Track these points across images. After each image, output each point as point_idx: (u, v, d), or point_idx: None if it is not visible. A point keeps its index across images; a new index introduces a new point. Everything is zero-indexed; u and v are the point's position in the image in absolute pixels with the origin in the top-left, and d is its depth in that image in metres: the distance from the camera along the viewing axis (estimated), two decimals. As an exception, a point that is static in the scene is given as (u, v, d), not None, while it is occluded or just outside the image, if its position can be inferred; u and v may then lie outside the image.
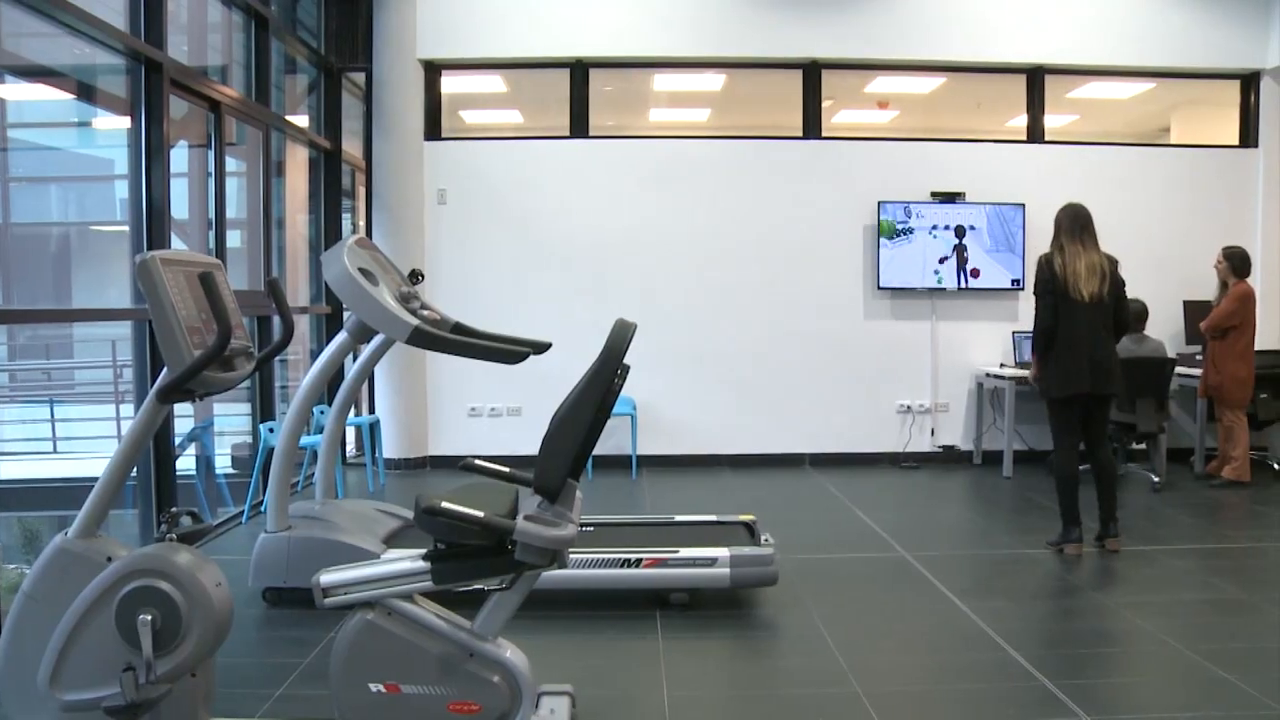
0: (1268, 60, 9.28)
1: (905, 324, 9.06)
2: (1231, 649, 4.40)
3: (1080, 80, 9.45)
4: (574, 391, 3.07)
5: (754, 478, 8.44)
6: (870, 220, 8.91)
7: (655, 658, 4.25)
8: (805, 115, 9.06)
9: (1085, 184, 8.68)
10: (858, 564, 5.82)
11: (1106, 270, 5.91)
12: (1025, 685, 3.98)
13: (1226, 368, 8.04)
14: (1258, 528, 6.87)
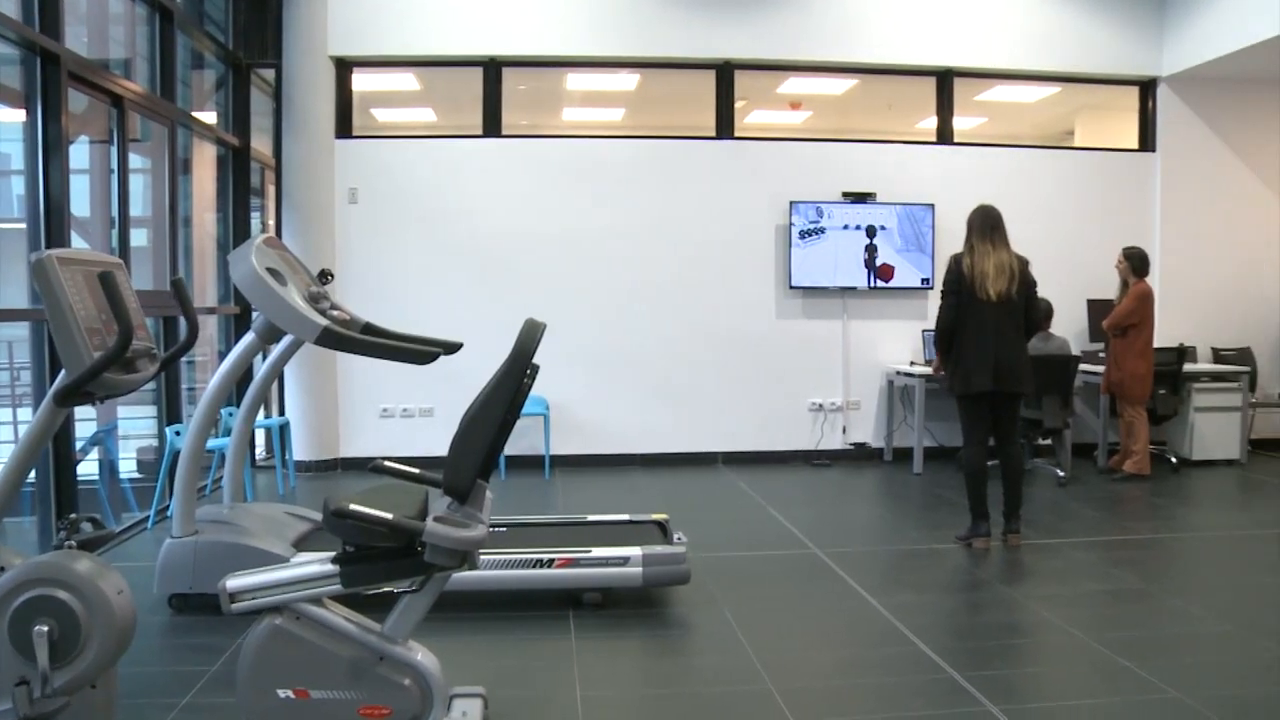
0: (1163, 68, 9.55)
1: (817, 323, 9.16)
2: (1131, 637, 4.53)
3: (988, 83, 9.64)
4: (483, 392, 3.06)
5: (667, 477, 8.47)
6: (782, 220, 8.99)
7: (568, 658, 4.25)
8: (718, 115, 9.12)
9: (993, 185, 8.85)
10: (770, 561, 5.87)
11: (1016, 270, 6.03)
12: (934, 678, 4.05)
13: (1127, 365, 8.26)
14: (1157, 519, 7.07)
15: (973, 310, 6.01)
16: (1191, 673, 4.10)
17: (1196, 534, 6.72)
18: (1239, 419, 9.09)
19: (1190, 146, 9.71)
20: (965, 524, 6.24)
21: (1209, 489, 8.14)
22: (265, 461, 8.65)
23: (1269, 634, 4.60)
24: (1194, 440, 9.02)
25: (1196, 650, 4.43)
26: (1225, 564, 6.05)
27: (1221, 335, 9.80)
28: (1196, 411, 8.98)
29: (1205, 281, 9.73)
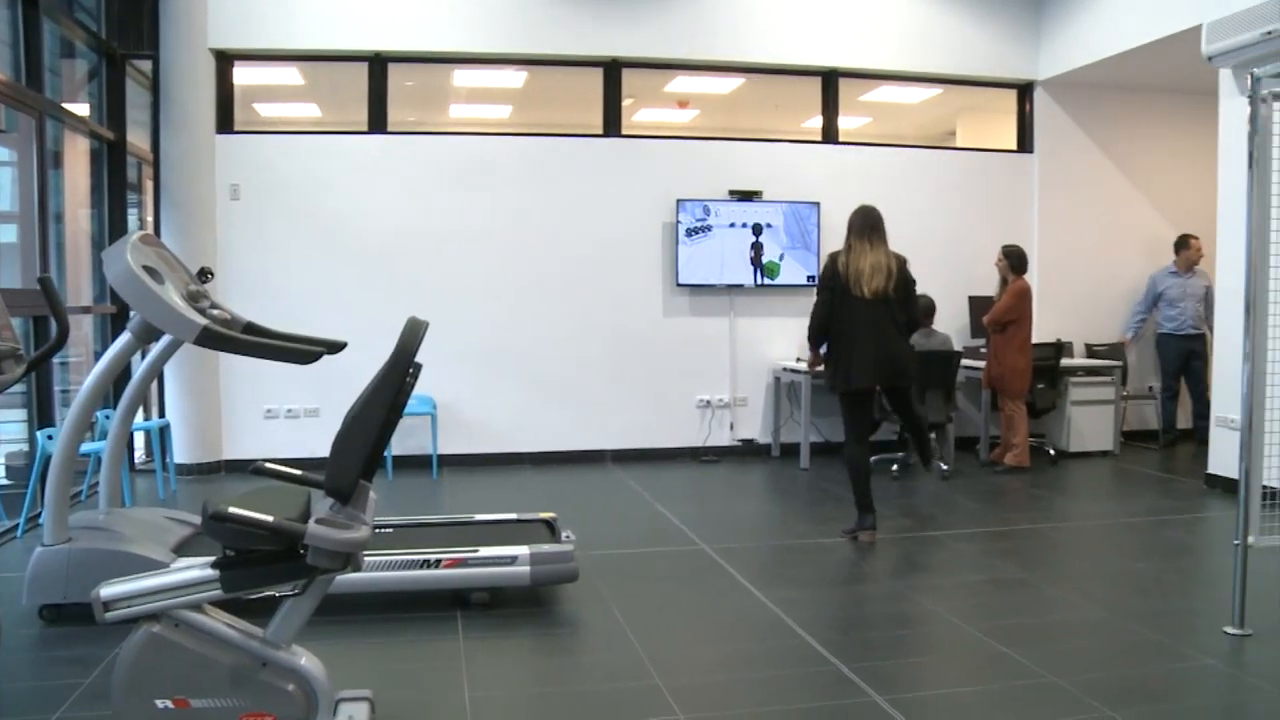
0: (1039, 72, 9.82)
1: (704, 320, 9.23)
2: (1011, 625, 4.65)
3: (872, 84, 9.80)
4: (365, 391, 3.01)
5: (556, 475, 8.46)
6: (670, 218, 9.03)
7: (456, 658, 4.21)
8: (606, 113, 9.13)
9: (877, 184, 9.04)
10: (658, 558, 5.90)
11: (892, 269, 6.14)
12: (820, 670, 4.10)
13: (1007, 360, 8.47)
14: (1036, 510, 7.26)
15: (849, 308, 6.11)
16: (1067, 657, 4.23)
17: (1073, 524, 6.92)
18: (1112, 412, 9.40)
19: (1066, 148, 10.00)
20: (851, 518, 6.34)
21: (1085, 480, 8.40)
22: (145, 465, 8.41)
23: (1139, 618, 4.76)
24: (1071, 433, 9.29)
25: (1072, 636, 4.56)
26: (1099, 552, 6.26)
27: (1095, 331, 10.11)
28: (1073, 405, 9.26)
29: (1080, 279, 10.03)
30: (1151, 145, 10.18)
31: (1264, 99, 4.51)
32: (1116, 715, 3.62)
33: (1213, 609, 4.86)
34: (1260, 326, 4.58)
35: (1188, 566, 5.91)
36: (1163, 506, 7.38)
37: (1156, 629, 4.62)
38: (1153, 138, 10.18)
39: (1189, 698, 3.89)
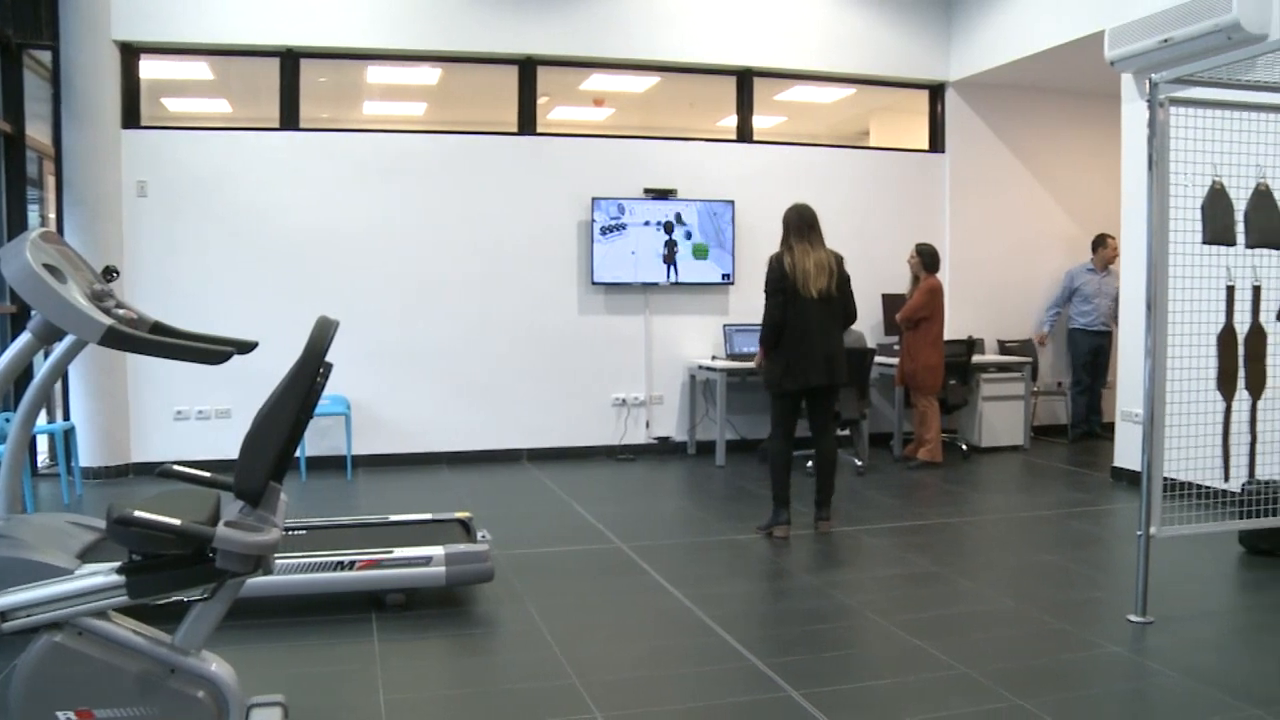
0: (950, 73, 9.98)
1: (620, 318, 9.23)
2: (924, 618, 4.72)
3: (787, 84, 9.88)
4: (275, 392, 2.97)
5: (472, 475, 8.40)
6: (585, 216, 9.02)
7: (371, 661, 4.17)
8: (521, 111, 9.09)
9: (791, 182, 9.12)
10: (574, 557, 5.89)
11: (834, 268, 6.21)
12: (737, 666, 4.13)
13: (919, 356, 8.60)
14: (948, 505, 7.38)
15: (797, 308, 6.14)
16: (978, 648, 4.31)
17: (984, 517, 7.04)
18: (1023, 407, 9.59)
19: (976, 148, 10.18)
20: (767, 514, 6.39)
21: (996, 474, 8.55)
22: (48, 469, 8.20)
23: (1047, 608, 4.86)
24: (983, 428, 9.46)
25: (983, 627, 4.65)
26: (1010, 544, 6.38)
27: (1006, 328, 10.30)
28: (984, 401, 9.43)
29: (991, 276, 10.21)
30: (1059, 146, 10.40)
31: (1161, 103, 4.63)
32: (1025, 703, 3.69)
33: (1117, 598, 4.99)
34: (1161, 324, 4.70)
35: (1094, 557, 6.04)
36: (1071, 499, 7.55)
37: (1063, 618, 4.72)
38: (1060, 139, 10.40)
39: (1094, 684, 3.98)
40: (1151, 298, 4.68)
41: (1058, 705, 3.69)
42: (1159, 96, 4.63)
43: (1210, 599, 5.23)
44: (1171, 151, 4.70)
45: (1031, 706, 3.67)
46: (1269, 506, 5.36)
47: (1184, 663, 4.17)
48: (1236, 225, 4.73)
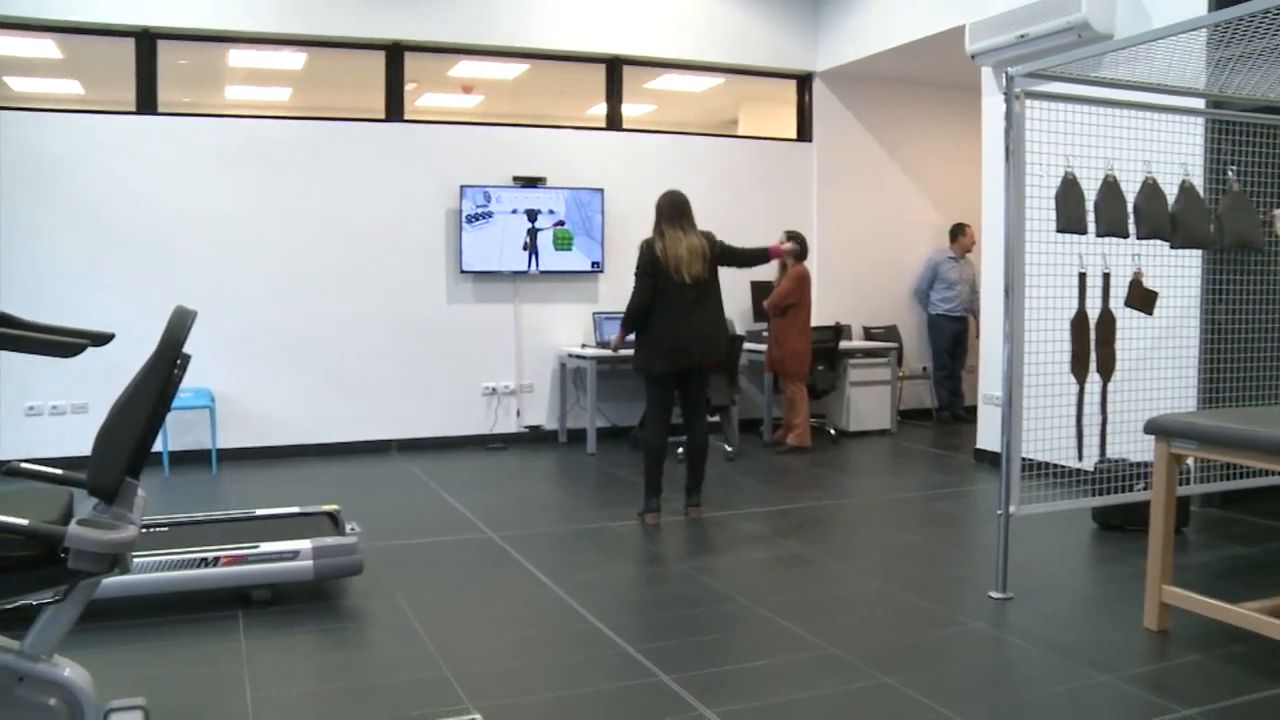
0: (818, 64, 10.13)
1: (489, 307, 9.18)
2: (793, 600, 4.80)
3: (656, 72, 9.91)
4: (130, 385, 2.87)
5: (341, 466, 8.27)
6: (453, 204, 8.94)
7: (237, 659, 4.07)
8: (388, 98, 8.95)
9: (661, 170, 9.16)
10: (445, 548, 5.84)
11: (706, 252, 6.28)
12: (609, 652, 4.14)
13: (788, 343, 8.72)
14: (817, 489, 7.51)
15: (669, 293, 6.18)
16: (846, 628, 4.40)
17: (852, 500, 7.18)
18: (889, 392, 9.80)
19: (843, 138, 10.36)
20: (639, 501, 6.42)
21: (863, 458, 8.73)
22: (-111, 468, 7.82)
23: (912, 587, 4.99)
24: (850, 413, 9.64)
25: (850, 607, 4.75)
26: (877, 526, 6.52)
27: (872, 314, 10.51)
28: (852, 386, 9.61)
29: (857, 264, 10.42)
30: (923, 136, 10.65)
31: (1018, 96, 4.76)
32: (891, 680, 3.78)
33: (979, 575, 5.14)
34: (1018, 310, 4.85)
35: (956, 536, 6.21)
36: (935, 481, 7.75)
37: (928, 597, 4.85)
38: (924, 129, 10.66)
39: (957, 659, 4.09)
40: (1009, 284, 4.82)
41: (922, 681, 3.79)
42: (1015, 90, 4.76)
43: (1066, 574, 5.42)
44: (1027, 143, 4.84)
45: (897, 683, 3.76)
46: (1119, 484, 5.58)
47: (1041, 635, 4.32)
48: (1088, 215, 4.89)
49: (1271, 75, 5.07)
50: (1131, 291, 5.23)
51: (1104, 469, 5.63)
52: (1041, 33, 7.20)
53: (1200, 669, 3.96)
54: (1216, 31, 4.59)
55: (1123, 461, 5.65)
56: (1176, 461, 4.36)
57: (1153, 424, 4.37)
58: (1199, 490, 5.98)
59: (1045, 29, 7.17)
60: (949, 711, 3.52)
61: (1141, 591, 4.47)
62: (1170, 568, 4.36)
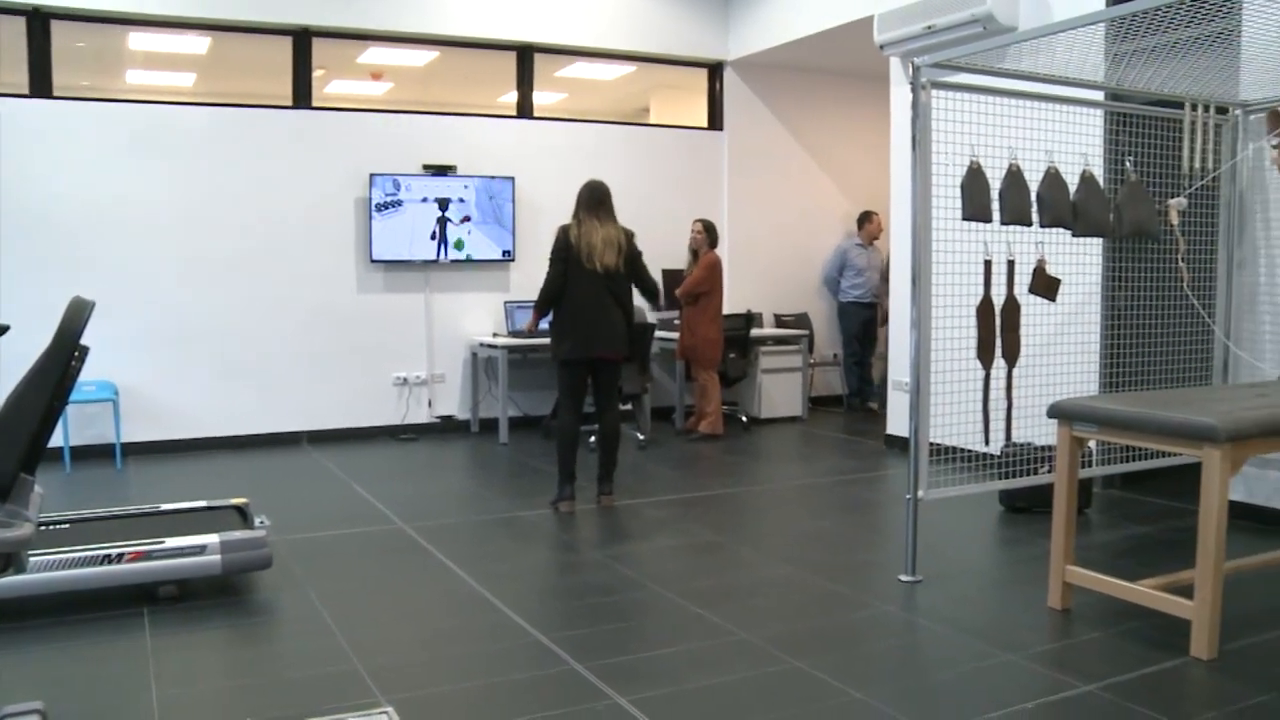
0: (729, 53, 10.18)
1: (399, 296, 9.09)
2: (705, 587, 4.83)
3: (567, 60, 9.87)
4: (24, 378, 2.80)
5: (250, 459, 8.14)
6: (362, 192, 8.82)
7: (142, 657, 3.99)
8: (295, 84, 8.80)
9: (572, 159, 9.16)
10: (356, 540, 5.78)
11: (622, 244, 6.31)
12: (522, 642, 4.13)
13: (699, 331, 8.76)
14: (729, 476, 7.55)
15: (580, 281, 6.20)
16: (757, 614, 4.44)
17: (764, 487, 7.24)
18: (800, 379, 9.89)
19: (754, 126, 10.43)
20: (552, 490, 6.42)
21: (775, 444, 8.81)
22: None
23: (823, 572, 5.05)
24: (762, 400, 9.72)
25: (762, 593, 4.78)
26: (788, 512, 6.58)
27: (783, 302, 10.60)
28: (763, 373, 9.68)
29: (768, 252, 10.49)
30: (833, 125, 10.76)
31: (924, 86, 4.83)
32: (803, 664, 3.82)
33: (889, 559, 5.22)
34: (925, 296, 4.92)
35: (867, 521, 6.30)
36: (846, 467, 7.84)
37: (838, 581, 4.91)
38: (834, 118, 10.77)
39: (868, 642, 4.15)
40: (916, 271, 4.89)
41: (833, 664, 3.84)
42: (921, 80, 4.82)
43: (973, 556, 5.52)
44: (933, 132, 4.91)
45: (808, 667, 3.80)
46: (1025, 467, 5.70)
47: (949, 616, 4.40)
48: (992, 203, 4.98)
49: (1164, 70, 5.21)
50: (1035, 279, 5.33)
51: (1010, 453, 5.75)
52: (948, 24, 7.30)
53: (1100, 645, 4.07)
54: (1113, 26, 4.69)
55: (1028, 445, 5.77)
56: (1078, 444, 4.46)
57: (1055, 408, 4.47)
58: (1101, 472, 6.12)
59: (951, 20, 7.27)
60: (859, 694, 3.57)
61: (1046, 572, 4.58)
62: (1073, 548, 4.47)
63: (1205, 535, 3.88)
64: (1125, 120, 5.89)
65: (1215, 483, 3.84)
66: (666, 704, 3.52)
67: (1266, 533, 5.70)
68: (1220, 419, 3.84)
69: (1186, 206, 5.48)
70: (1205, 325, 6.01)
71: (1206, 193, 5.87)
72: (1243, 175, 6.06)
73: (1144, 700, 3.52)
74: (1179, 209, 5.42)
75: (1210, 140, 5.63)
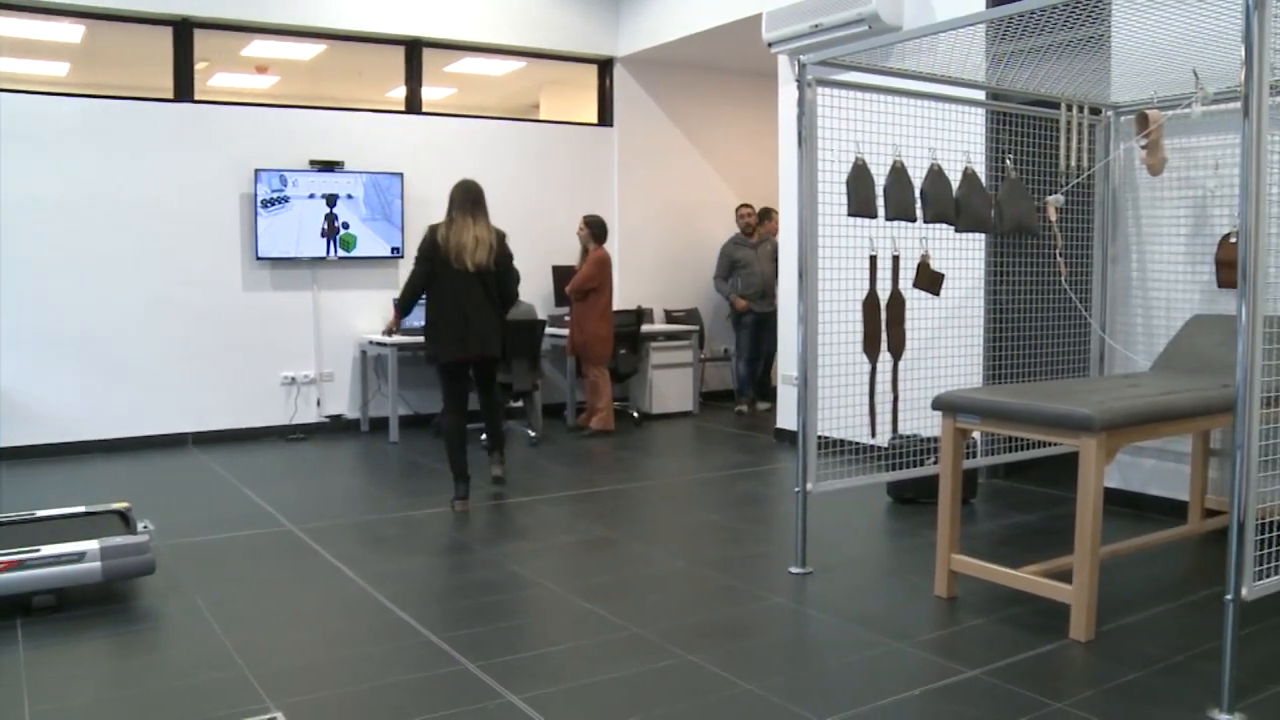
0: (619, 49, 10.20)
1: (286, 294, 8.93)
2: (597, 583, 4.85)
3: (457, 55, 9.80)
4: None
5: (133, 463, 7.92)
6: (248, 189, 8.65)
7: (15, 671, 3.86)
8: (177, 76, 8.59)
9: (462, 155, 9.11)
10: (244, 543, 5.67)
11: (493, 244, 6.26)
12: (413, 642, 4.09)
13: (589, 327, 8.76)
14: (621, 471, 7.57)
15: (449, 281, 6.16)
16: (650, 608, 4.46)
17: (655, 482, 7.26)
18: (691, 374, 9.96)
19: (644, 123, 10.47)
20: (445, 489, 6.39)
21: (667, 440, 8.84)
22: None
23: (714, 566, 5.10)
24: (653, 395, 9.76)
25: (654, 588, 4.80)
26: (680, 507, 6.61)
27: (673, 297, 10.66)
28: (654, 369, 9.72)
29: (658, 247, 10.55)
30: (723, 122, 10.86)
31: (810, 84, 4.89)
32: (695, 658, 3.85)
33: (779, 552, 5.29)
34: (812, 291, 4.98)
35: (758, 514, 6.36)
36: (737, 461, 7.91)
37: (730, 574, 4.96)
38: (724, 115, 10.86)
39: (759, 634, 4.19)
40: (803, 266, 4.95)
41: (724, 657, 3.87)
42: (807, 78, 4.88)
43: (862, 547, 5.61)
44: (820, 130, 4.97)
45: (700, 660, 3.83)
46: (912, 459, 5.81)
47: (839, 607, 4.47)
48: (877, 199, 5.06)
49: (1041, 71, 5.35)
50: (919, 273, 5.43)
51: (897, 445, 5.86)
52: (834, 23, 7.40)
53: (984, 631, 4.17)
54: (994, 28, 4.80)
55: (915, 437, 5.89)
56: (962, 436, 4.56)
57: (939, 400, 4.56)
58: (985, 463, 6.28)
59: (838, 19, 7.37)
60: (751, 685, 3.61)
61: (932, 561, 4.68)
62: (958, 537, 4.57)
63: (1082, 522, 4.00)
64: (1005, 119, 6.03)
65: (1091, 471, 3.96)
66: (559, 701, 3.52)
67: (1141, 518, 5.90)
68: (1095, 409, 3.96)
69: (1064, 203, 5.63)
70: (1082, 318, 6.20)
71: (1082, 190, 6.04)
72: (1115, 174, 6.26)
73: (1026, 682, 3.62)
74: (1057, 206, 5.56)
75: (1085, 140, 5.80)
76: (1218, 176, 5.63)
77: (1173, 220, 5.99)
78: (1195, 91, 5.06)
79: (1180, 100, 5.30)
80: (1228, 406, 3.36)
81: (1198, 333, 5.46)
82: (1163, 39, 4.58)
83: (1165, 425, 4.30)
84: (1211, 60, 4.78)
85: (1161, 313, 6.07)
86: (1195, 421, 4.46)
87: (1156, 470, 6.10)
